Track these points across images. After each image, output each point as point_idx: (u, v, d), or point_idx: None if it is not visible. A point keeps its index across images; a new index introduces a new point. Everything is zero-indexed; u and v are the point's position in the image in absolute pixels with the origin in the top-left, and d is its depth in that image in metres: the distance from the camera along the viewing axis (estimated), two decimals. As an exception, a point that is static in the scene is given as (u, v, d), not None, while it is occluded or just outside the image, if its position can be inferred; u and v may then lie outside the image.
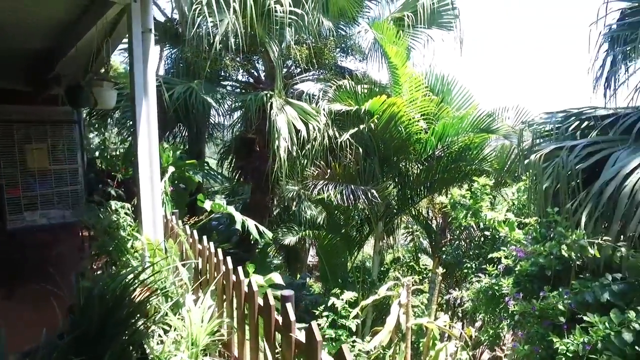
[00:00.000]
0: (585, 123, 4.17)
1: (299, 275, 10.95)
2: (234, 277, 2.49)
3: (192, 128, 7.75)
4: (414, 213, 6.63)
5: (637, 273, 2.59)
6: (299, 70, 7.17)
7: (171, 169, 4.48)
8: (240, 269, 2.48)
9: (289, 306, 1.85)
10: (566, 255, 2.69)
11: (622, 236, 2.80)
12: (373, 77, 7.23)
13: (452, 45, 6.59)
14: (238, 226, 4.39)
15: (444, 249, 6.30)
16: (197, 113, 6.12)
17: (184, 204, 5.02)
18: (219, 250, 2.78)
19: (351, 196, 4.72)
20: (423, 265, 8.20)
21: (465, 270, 5.73)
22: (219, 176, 6.22)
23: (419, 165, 6.09)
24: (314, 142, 5.39)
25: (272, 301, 1.99)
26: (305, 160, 5.50)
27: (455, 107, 5.98)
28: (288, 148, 5.13)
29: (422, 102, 5.34)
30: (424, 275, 7.94)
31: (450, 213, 4.10)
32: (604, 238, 2.69)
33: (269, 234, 4.78)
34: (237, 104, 6.24)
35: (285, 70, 7.05)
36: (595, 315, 2.59)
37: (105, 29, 3.39)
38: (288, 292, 1.94)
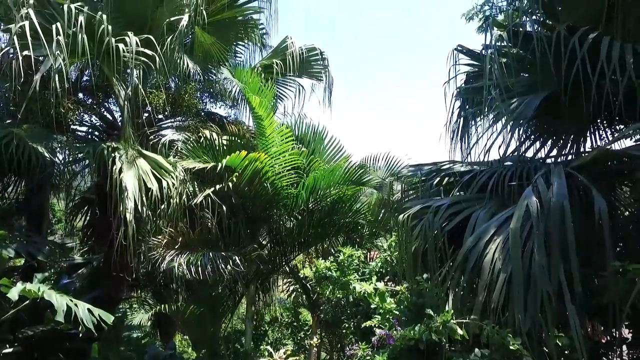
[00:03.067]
0: (448, 179, 4.24)
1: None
2: None
3: (27, 179, 6.40)
4: (289, 270, 6.20)
5: (503, 351, 2.43)
6: (163, 115, 6.44)
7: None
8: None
9: None
10: (436, 339, 2.44)
11: (487, 308, 2.69)
12: (246, 123, 6.84)
13: (323, 95, 6.55)
14: (59, 318, 3.40)
15: (322, 307, 5.92)
16: (28, 163, 4.98)
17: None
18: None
19: (208, 267, 4.09)
20: (304, 320, 7.73)
21: (344, 330, 5.40)
22: (47, 246, 5.03)
23: (292, 219, 5.72)
24: (171, 200, 4.67)
25: None
26: (161, 221, 4.73)
27: (327, 159, 5.83)
28: (139, 209, 4.33)
29: (291, 156, 5.03)
30: (305, 333, 7.46)
31: (316, 288, 3.73)
32: (472, 317, 2.50)
33: (109, 318, 3.86)
34: (77, 155, 5.24)
35: (146, 115, 6.26)
36: (469, 401, 2.37)
37: None
38: None
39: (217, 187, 4.59)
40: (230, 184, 4.55)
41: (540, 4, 3.27)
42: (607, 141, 4.04)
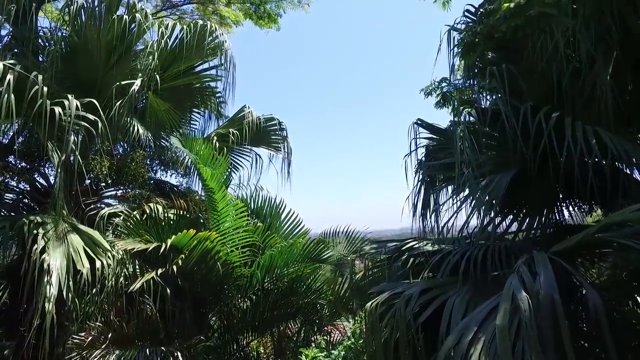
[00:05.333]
0: (414, 260, 3.97)
1: None
2: None
3: None
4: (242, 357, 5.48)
5: None
6: (106, 183, 5.87)
7: None
8: None
9: None
10: None
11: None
12: (199, 193, 6.39)
13: (281, 165, 6.31)
14: None
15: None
16: None
17: None
18: None
19: (142, 369, 3.43)
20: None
21: None
22: None
23: (245, 301, 5.15)
24: (105, 283, 4.04)
25: None
26: (92, 309, 4.04)
27: (284, 234, 5.43)
28: (63, 294, 3.67)
29: (245, 232, 4.61)
30: None
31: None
32: None
33: None
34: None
35: (88, 181, 5.69)
36: None
37: None
38: None
39: (160, 271, 4.02)
40: (175, 266, 4.01)
41: (504, 83, 3.26)
42: (565, 217, 4.03)
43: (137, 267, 4.29)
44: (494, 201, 3.28)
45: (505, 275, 2.76)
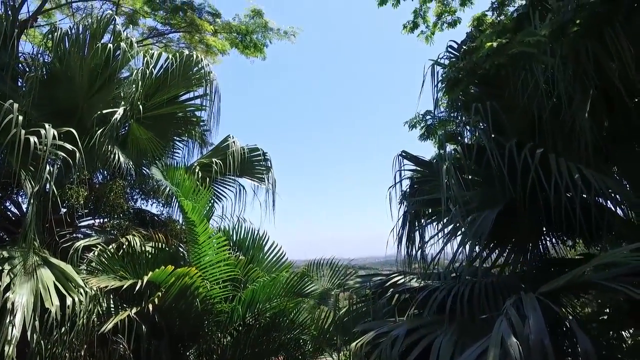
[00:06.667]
0: (401, 295, 3.89)
1: None
2: None
3: None
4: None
5: None
6: (83, 213, 5.67)
7: None
8: None
9: None
10: None
11: None
12: (180, 222, 6.22)
13: (265, 196, 6.20)
14: None
15: None
16: None
17: None
18: None
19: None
20: None
21: None
22: None
23: (226, 336, 4.94)
24: (76, 320, 3.82)
25: None
26: (60, 349, 3.81)
27: (267, 267, 5.29)
28: (29, 335, 3.45)
29: (227, 266, 4.46)
30: None
31: None
32: None
33: None
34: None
35: (64, 210, 5.49)
36: None
37: None
38: None
39: (135, 309, 3.82)
40: (151, 305, 3.82)
41: (488, 120, 3.29)
42: (550, 251, 4.02)
43: (111, 304, 4.08)
44: (480, 238, 3.24)
45: (493, 316, 2.70)
